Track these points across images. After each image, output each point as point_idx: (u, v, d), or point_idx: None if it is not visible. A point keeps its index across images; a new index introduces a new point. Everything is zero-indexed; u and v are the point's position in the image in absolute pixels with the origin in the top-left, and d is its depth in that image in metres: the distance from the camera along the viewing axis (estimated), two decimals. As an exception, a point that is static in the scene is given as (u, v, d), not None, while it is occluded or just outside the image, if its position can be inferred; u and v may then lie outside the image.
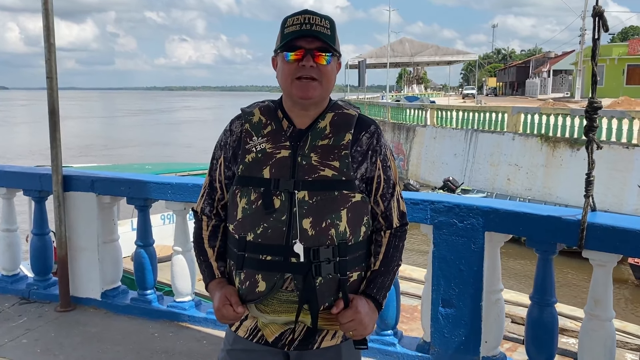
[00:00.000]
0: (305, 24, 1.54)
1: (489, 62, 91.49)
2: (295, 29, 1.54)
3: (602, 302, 2.47)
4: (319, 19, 1.55)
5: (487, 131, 19.82)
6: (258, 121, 1.62)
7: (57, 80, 3.65)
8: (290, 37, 1.53)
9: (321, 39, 1.53)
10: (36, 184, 3.87)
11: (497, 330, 2.82)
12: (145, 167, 10.28)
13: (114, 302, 3.74)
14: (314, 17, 1.55)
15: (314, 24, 1.54)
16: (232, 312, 1.57)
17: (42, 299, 3.89)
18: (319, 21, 1.55)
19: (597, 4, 2.33)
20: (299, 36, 1.53)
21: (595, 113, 2.44)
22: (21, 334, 3.43)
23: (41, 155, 24.02)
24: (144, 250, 3.64)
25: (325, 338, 1.62)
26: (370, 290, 1.62)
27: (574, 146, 16.05)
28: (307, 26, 1.53)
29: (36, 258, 3.98)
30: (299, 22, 1.54)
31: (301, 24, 1.54)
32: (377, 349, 3.02)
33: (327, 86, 1.59)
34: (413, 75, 67.63)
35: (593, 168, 2.45)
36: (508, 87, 69.32)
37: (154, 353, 3.23)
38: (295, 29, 1.54)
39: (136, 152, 35.47)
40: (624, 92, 31.62)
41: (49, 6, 3.54)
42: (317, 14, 1.56)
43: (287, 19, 1.57)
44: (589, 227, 2.39)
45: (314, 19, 1.54)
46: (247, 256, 1.56)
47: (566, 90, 50.99)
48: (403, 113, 26.43)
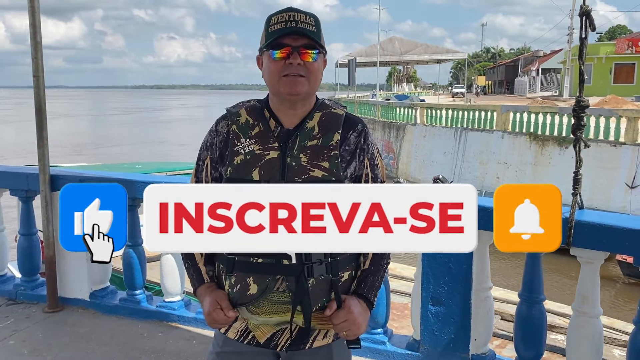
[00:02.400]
0: (291, 21, 1.53)
1: (478, 60, 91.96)
2: (281, 27, 1.52)
3: (590, 299, 2.49)
4: (304, 16, 1.54)
5: (476, 129, 19.88)
6: (245, 122, 1.60)
7: (44, 78, 3.61)
8: (276, 35, 1.52)
9: (307, 35, 1.53)
10: (23, 183, 3.83)
11: (487, 328, 2.84)
12: (136, 167, 10.22)
13: (102, 303, 3.71)
14: (298, 14, 1.54)
15: (299, 21, 1.53)
16: (223, 317, 1.56)
17: (29, 300, 3.85)
18: (304, 18, 1.54)
19: (584, 4, 2.34)
20: (284, 34, 1.52)
21: (583, 112, 2.46)
22: (8, 335, 3.40)
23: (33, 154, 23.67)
24: (133, 249, 3.61)
25: (317, 338, 1.62)
26: (362, 290, 1.62)
27: (562, 144, 16.16)
28: (292, 23, 1.52)
29: (23, 258, 3.94)
30: (283, 20, 1.53)
31: (286, 22, 1.53)
32: (367, 348, 3.02)
33: (314, 83, 1.58)
34: (403, 74, 67.81)
35: (581, 166, 2.48)
36: (497, 86, 69.74)
37: (143, 353, 3.21)
38: (280, 26, 1.53)
39: (127, 150, 35.13)
40: (611, 91, 31.89)
41: (35, 4, 3.50)
42: (301, 12, 1.55)
43: (272, 17, 1.56)
44: (577, 225, 2.40)
45: (299, 16, 1.54)
46: (238, 259, 1.55)
47: (555, 88, 51.41)
48: (393, 112, 26.46)
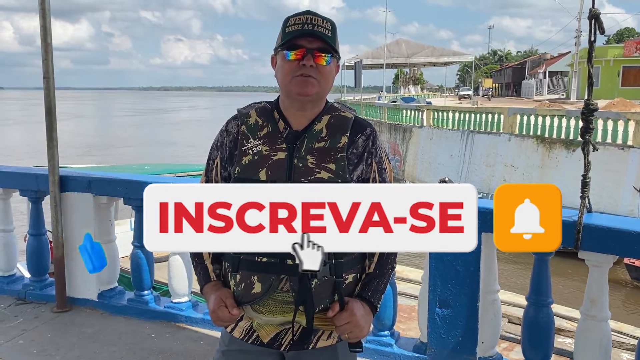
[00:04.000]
0: (307, 23, 1.55)
1: (485, 63, 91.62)
2: (297, 28, 1.55)
3: (598, 302, 2.48)
4: (321, 20, 1.56)
5: (483, 132, 19.83)
6: (254, 123, 1.62)
7: (54, 80, 3.64)
8: (292, 36, 1.54)
9: (322, 39, 1.54)
10: (32, 184, 3.86)
11: (494, 331, 2.83)
12: (145, 168, 10.27)
13: (110, 303, 3.73)
14: (316, 17, 1.56)
15: (316, 24, 1.55)
16: (227, 314, 1.57)
17: (38, 300, 3.88)
18: (321, 22, 1.56)
19: (593, 7, 2.34)
20: (300, 35, 1.54)
21: (591, 115, 2.45)
22: (17, 335, 3.42)
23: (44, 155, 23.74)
24: (141, 250, 3.63)
25: (320, 338, 1.62)
26: (365, 294, 1.62)
27: (569, 147, 16.09)
28: (309, 26, 1.54)
29: (32, 258, 3.97)
30: (301, 22, 1.55)
31: (303, 24, 1.55)
32: (374, 350, 3.02)
33: (325, 86, 1.59)
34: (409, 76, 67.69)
35: (589, 170, 2.47)
36: (504, 88, 69.47)
37: (151, 353, 3.22)
38: (297, 28, 1.55)
39: (137, 151, 35.20)
40: (619, 94, 31.72)
41: (45, 6, 3.53)
42: (319, 16, 1.57)
43: (289, 18, 1.58)
44: (585, 228, 2.40)
45: (316, 19, 1.56)
46: (243, 258, 1.56)
47: (562, 91, 51.14)
48: (399, 114, 26.44)
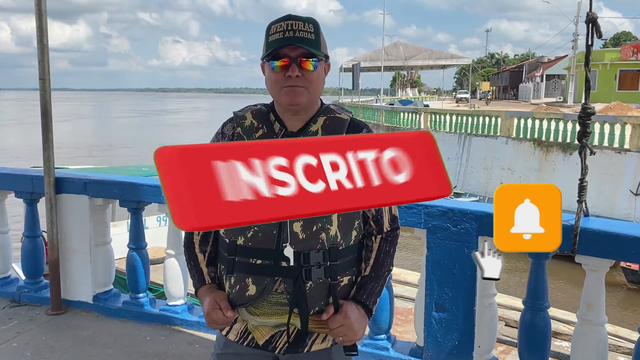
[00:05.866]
0: (288, 30, 1.51)
1: (483, 66, 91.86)
2: (279, 37, 1.51)
3: (595, 306, 2.47)
4: (302, 23, 1.53)
5: (480, 135, 19.88)
6: (250, 125, 1.61)
7: (50, 81, 3.63)
8: (274, 46, 1.52)
9: (304, 46, 1.51)
10: (28, 185, 3.84)
11: (490, 335, 2.82)
12: (142, 169, 10.19)
13: (105, 305, 3.72)
14: (297, 22, 1.52)
15: (297, 30, 1.51)
16: (221, 317, 1.56)
17: (33, 302, 3.86)
18: (302, 26, 1.52)
19: (590, 11, 2.34)
20: (282, 44, 1.51)
21: (588, 119, 2.45)
22: (11, 337, 3.40)
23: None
24: (137, 253, 3.62)
25: (315, 341, 1.61)
26: (360, 296, 1.61)
27: (566, 150, 16.12)
28: (290, 33, 1.51)
29: (27, 260, 3.95)
30: (282, 30, 1.52)
31: (284, 31, 1.51)
32: (370, 353, 3.01)
33: (315, 91, 1.58)
34: (407, 79, 67.83)
35: (586, 173, 2.46)
36: (501, 91, 69.64)
37: (146, 356, 3.21)
38: (278, 37, 1.52)
39: (137, 152, 35.09)
40: (616, 97, 31.84)
41: (42, 7, 3.52)
42: (300, 19, 1.53)
43: (271, 26, 1.55)
44: (582, 233, 2.39)
45: (297, 24, 1.52)
46: (237, 260, 1.56)
47: (559, 94, 51.29)
48: (397, 116, 26.47)
